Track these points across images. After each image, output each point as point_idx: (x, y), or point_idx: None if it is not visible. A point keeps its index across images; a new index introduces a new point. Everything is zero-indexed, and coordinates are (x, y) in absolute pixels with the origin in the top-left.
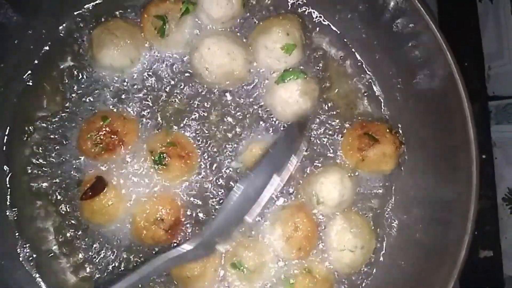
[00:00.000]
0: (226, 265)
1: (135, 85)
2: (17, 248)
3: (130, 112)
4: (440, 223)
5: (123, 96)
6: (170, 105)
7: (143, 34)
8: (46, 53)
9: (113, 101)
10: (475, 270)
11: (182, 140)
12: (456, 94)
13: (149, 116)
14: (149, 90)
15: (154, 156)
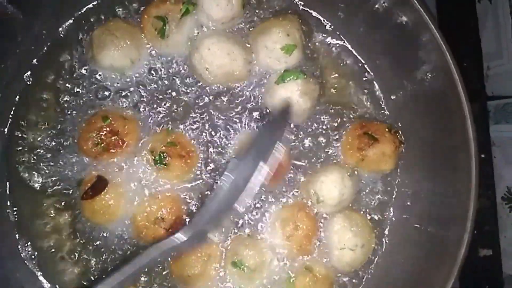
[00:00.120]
0: (227, 264)
1: (135, 85)
2: (18, 247)
3: (131, 112)
4: (440, 222)
5: (123, 96)
6: (170, 105)
7: (144, 35)
8: (46, 53)
9: (114, 101)
10: (474, 269)
11: (183, 139)
12: (455, 94)
13: (150, 116)
14: (149, 91)
15: (155, 156)
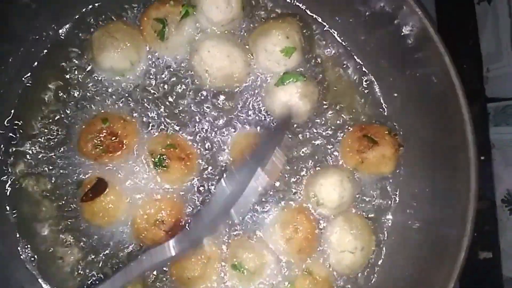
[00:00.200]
0: (227, 266)
1: (135, 87)
2: (18, 248)
3: (130, 114)
4: (439, 225)
5: (123, 99)
6: (170, 107)
7: (143, 37)
8: (46, 56)
9: (113, 103)
10: (474, 271)
11: (182, 142)
12: (455, 97)
13: (149, 118)
14: (149, 93)
15: (154, 158)
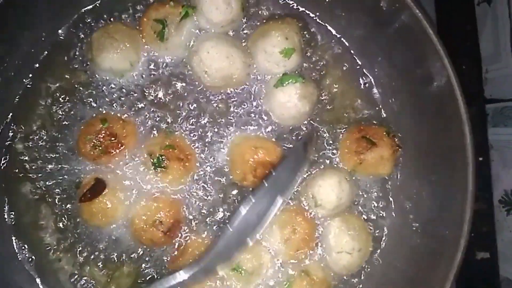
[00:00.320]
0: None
1: (134, 88)
2: (16, 250)
3: (129, 115)
4: (437, 225)
5: (122, 99)
6: (168, 108)
7: (143, 38)
8: (45, 56)
9: (112, 104)
10: (471, 272)
11: (181, 142)
12: (453, 98)
13: (148, 119)
14: (148, 93)
15: (153, 159)
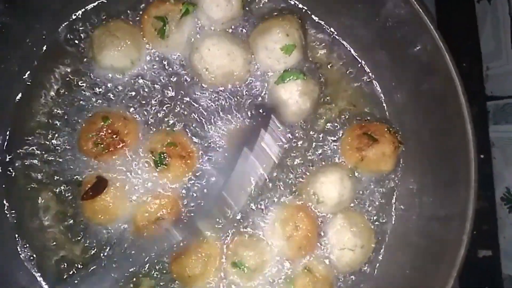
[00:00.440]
0: (227, 264)
1: (135, 85)
2: (17, 248)
3: (130, 112)
4: (439, 223)
5: (123, 97)
6: (170, 106)
7: (144, 35)
8: (46, 54)
9: (114, 101)
10: (474, 270)
11: (183, 140)
12: (455, 95)
13: (150, 116)
14: (149, 91)
15: (155, 156)
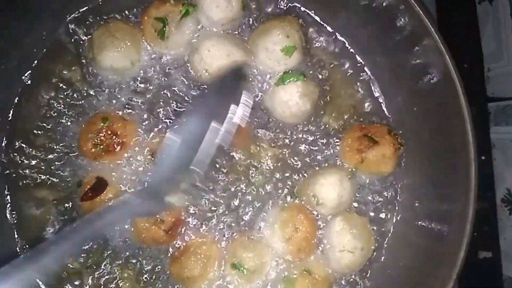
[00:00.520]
0: (226, 265)
1: (135, 86)
2: (17, 249)
3: (130, 113)
4: (439, 224)
5: (123, 98)
6: (170, 107)
7: (144, 36)
8: (46, 54)
9: (113, 102)
10: (474, 271)
11: None
12: (455, 96)
13: (149, 117)
14: (149, 92)
15: (154, 157)
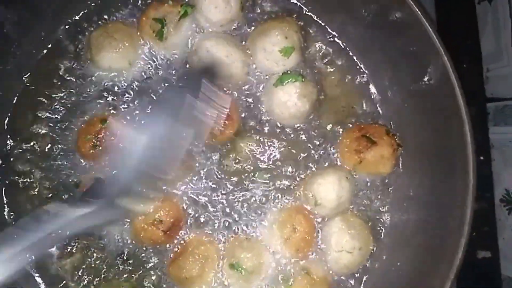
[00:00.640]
0: (225, 266)
1: (133, 87)
2: None
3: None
4: (437, 225)
5: (122, 98)
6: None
7: (142, 37)
8: (45, 55)
9: (112, 103)
10: (473, 271)
11: None
12: (453, 97)
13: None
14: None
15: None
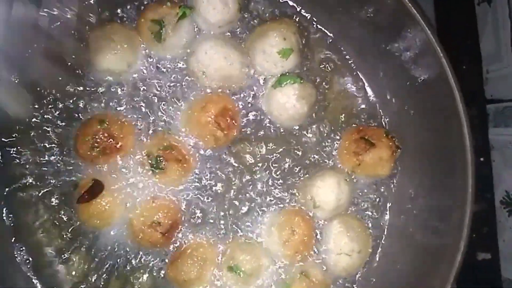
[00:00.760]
0: (223, 268)
1: (132, 89)
2: (14, 252)
3: (127, 115)
4: (437, 227)
5: (120, 100)
6: (166, 109)
7: (140, 39)
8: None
9: (110, 104)
10: (473, 273)
11: (179, 143)
12: (452, 99)
13: (146, 120)
14: (145, 94)
15: (151, 160)
